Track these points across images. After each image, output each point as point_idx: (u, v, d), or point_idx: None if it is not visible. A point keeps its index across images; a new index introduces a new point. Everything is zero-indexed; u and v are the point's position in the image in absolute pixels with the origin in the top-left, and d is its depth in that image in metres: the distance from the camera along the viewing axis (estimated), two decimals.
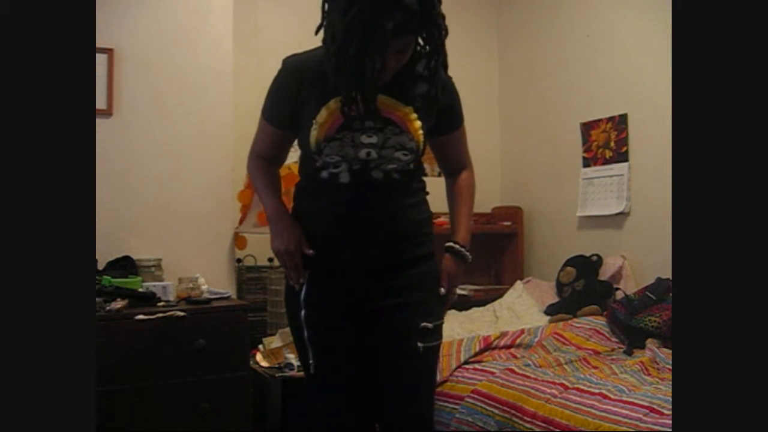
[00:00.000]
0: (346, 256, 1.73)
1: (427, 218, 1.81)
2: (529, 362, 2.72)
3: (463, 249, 1.79)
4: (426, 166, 1.88)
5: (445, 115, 1.77)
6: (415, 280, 1.75)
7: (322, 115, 1.65)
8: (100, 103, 2.94)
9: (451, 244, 1.80)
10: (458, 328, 3.28)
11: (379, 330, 1.74)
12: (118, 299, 2.60)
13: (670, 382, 2.29)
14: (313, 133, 1.66)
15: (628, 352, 2.81)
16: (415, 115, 1.68)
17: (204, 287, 2.90)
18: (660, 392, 2.22)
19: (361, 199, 1.69)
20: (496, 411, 2.41)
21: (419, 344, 1.70)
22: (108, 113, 2.97)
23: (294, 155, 4.04)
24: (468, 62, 4.29)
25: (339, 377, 1.75)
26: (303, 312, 1.74)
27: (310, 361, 1.74)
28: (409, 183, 1.75)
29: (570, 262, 3.50)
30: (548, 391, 2.36)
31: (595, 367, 2.63)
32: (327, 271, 1.74)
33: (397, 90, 1.67)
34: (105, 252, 2.85)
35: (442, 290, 1.77)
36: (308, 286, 1.74)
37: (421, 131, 1.70)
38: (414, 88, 1.69)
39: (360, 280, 1.73)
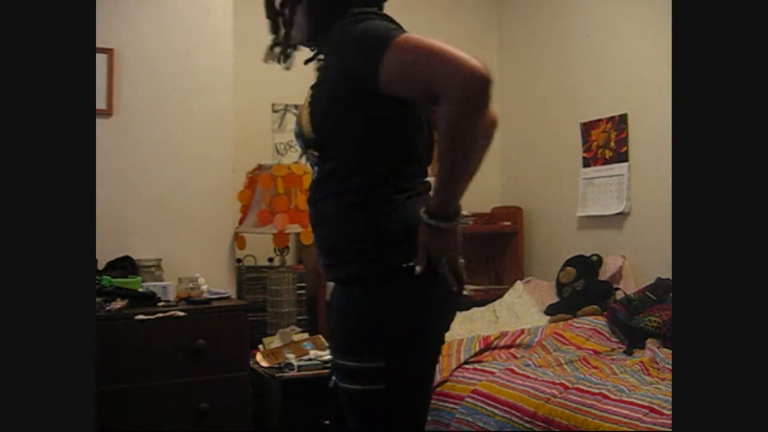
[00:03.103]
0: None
1: (365, 234, 1.41)
2: (529, 362, 2.72)
3: (431, 217, 1.36)
4: None
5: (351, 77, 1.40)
6: (337, 305, 1.48)
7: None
8: (100, 103, 2.94)
9: (421, 212, 1.38)
10: (458, 328, 3.28)
11: None
12: (118, 299, 2.60)
13: (670, 382, 2.29)
14: None
15: (628, 352, 2.81)
16: (308, 101, 1.48)
17: (204, 287, 2.90)
18: (660, 392, 2.22)
19: (309, 199, 1.54)
20: (496, 411, 2.41)
21: (339, 383, 1.44)
22: (108, 113, 2.97)
23: (294, 155, 4.05)
24: None
25: None
26: None
27: None
28: (343, 186, 1.44)
29: (570, 262, 3.50)
30: (548, 391, 2.36)
31: (595, 367, 2.63)
32: None
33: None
34: (105, 252, 2.85)
35: (417, 268, 1.38)
36: None
37: (308, 117, 1.46)
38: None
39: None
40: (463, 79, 1.22)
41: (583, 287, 3.35)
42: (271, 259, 3.39)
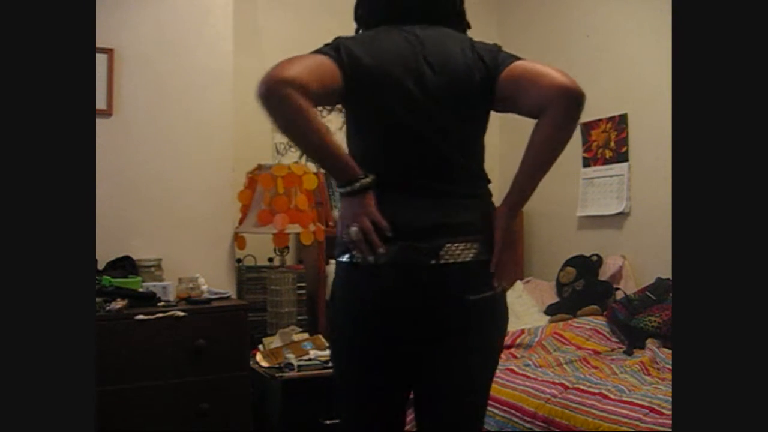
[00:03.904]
0: None
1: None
2: (529, 362, 2.72)
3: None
4: None
5: None
6: None
7: None
8: (100, 103, 2.94)
9: None
10: None
11: None
12: (118, 299, 2.60)
13: (670, 382, 2.29)
14: None
15: (628, 352, 2.81)
16: None
17: (204, 287, 2.90)
18: (660, 392, 2.22)
19: None
20: (496, 411, 2.41)
21: None
22: (108, 113, 2.97)
23: (294, 155, 4.04)
24: None
25: None
26: None
27: None
28: None
29: (570, 262, 3.50)
30: (548, 391, 2.36)
31: (595, 367, 2.63)
32: None
33: None
34: (105, 252, 2.85)
35: (343, 236, 1.56)
36: None
37: None
38: None
39: None
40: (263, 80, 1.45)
41: (583, 287, 3.35)
42: (271, 259, 3.39)
